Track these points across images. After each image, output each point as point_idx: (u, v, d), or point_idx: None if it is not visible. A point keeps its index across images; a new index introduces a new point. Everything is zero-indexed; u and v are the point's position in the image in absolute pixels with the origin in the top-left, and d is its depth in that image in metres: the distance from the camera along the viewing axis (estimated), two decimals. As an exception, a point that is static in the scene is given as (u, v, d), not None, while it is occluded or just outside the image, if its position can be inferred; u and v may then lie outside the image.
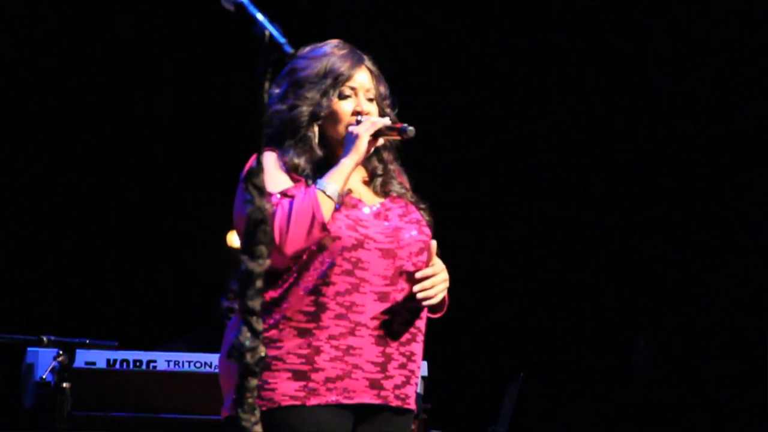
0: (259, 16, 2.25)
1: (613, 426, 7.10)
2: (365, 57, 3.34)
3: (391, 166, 3.34)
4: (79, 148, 7.10)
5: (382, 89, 3.34)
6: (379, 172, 3.32)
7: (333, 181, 3.15)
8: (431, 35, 7.07)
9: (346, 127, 3.24)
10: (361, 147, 3.18)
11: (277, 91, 3.28)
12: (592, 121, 7.12)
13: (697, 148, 7.00)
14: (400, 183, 3.35)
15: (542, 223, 7.33)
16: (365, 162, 3.31)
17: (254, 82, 2.19)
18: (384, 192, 3.31)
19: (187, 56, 7.08)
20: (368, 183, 3.33)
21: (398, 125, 3.22)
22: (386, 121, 3.24)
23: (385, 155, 3.34)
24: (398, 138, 3.27)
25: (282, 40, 2.23)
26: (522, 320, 7.24)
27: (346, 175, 3.17)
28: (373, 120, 3.22)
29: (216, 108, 7.11)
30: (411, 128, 3.22)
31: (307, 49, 3.33)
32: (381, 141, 3.26)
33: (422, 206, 3.36)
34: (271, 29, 2.23)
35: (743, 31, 6.75)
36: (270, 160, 3.23)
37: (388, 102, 3.36)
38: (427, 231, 3.31)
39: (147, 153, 7.24)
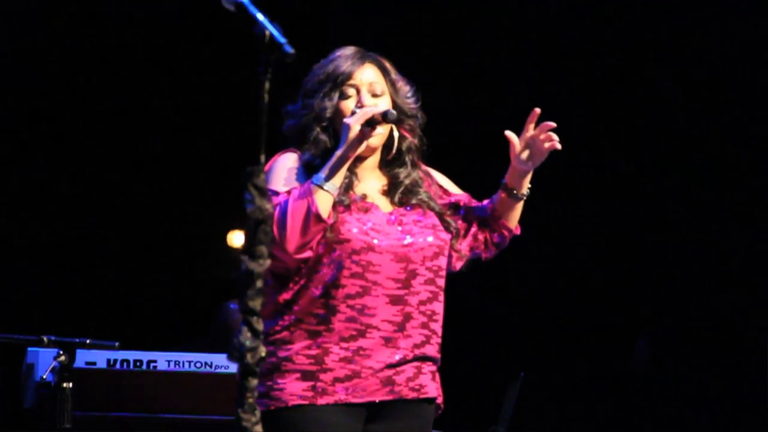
0: (260, 16, 2.25)
1: (613, 426, 7.09)
2: (372, 54, 3.35)
3: (415, 173, 3.33)
4: (79, 147, 7.09)
5: (393, 76, 3.33)
6: (401, 178, 3.31)
7: (326, 174, 3.14)
8: (432, 35, 7.06)
9: None
10: (351, 137, 3.17)
11: (292, 107, 3.32)
12: (591, 119, 7.12)
13: (697, 147, 6.99)
14: (426, 192, 3.33)
15: (542, 222, 7.31)
16: (387, 168, 3.32)
17: (255, 81, 2.19)
18: (401, 202, 3.30)
19: (187, 56, 7.08)
20: (387, 192, 3.31)
21: (382, 111, 3.21)
22: (377, 109, 3.22)
23: (408, 158, 3.34)
24: (388, 124, 3.27)
25: (282, 40, 2.23)
26: (522, 320, 7.24)
27: (340, 166, 3.17)
28: (366, 110, 3.22)
29: (217, 108, 7.11)
30: (392, 111, 3.22)
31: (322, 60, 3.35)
32: (379, 129, 3.24)
33: (447, 213, 3.34)
34: (271, 29, 2.23)
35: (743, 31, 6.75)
36: (288, 160, 3.26)
37: (406, 90, 3.36)
38: (444, 236, 3.29)
39: (147, 152, 7.23)
